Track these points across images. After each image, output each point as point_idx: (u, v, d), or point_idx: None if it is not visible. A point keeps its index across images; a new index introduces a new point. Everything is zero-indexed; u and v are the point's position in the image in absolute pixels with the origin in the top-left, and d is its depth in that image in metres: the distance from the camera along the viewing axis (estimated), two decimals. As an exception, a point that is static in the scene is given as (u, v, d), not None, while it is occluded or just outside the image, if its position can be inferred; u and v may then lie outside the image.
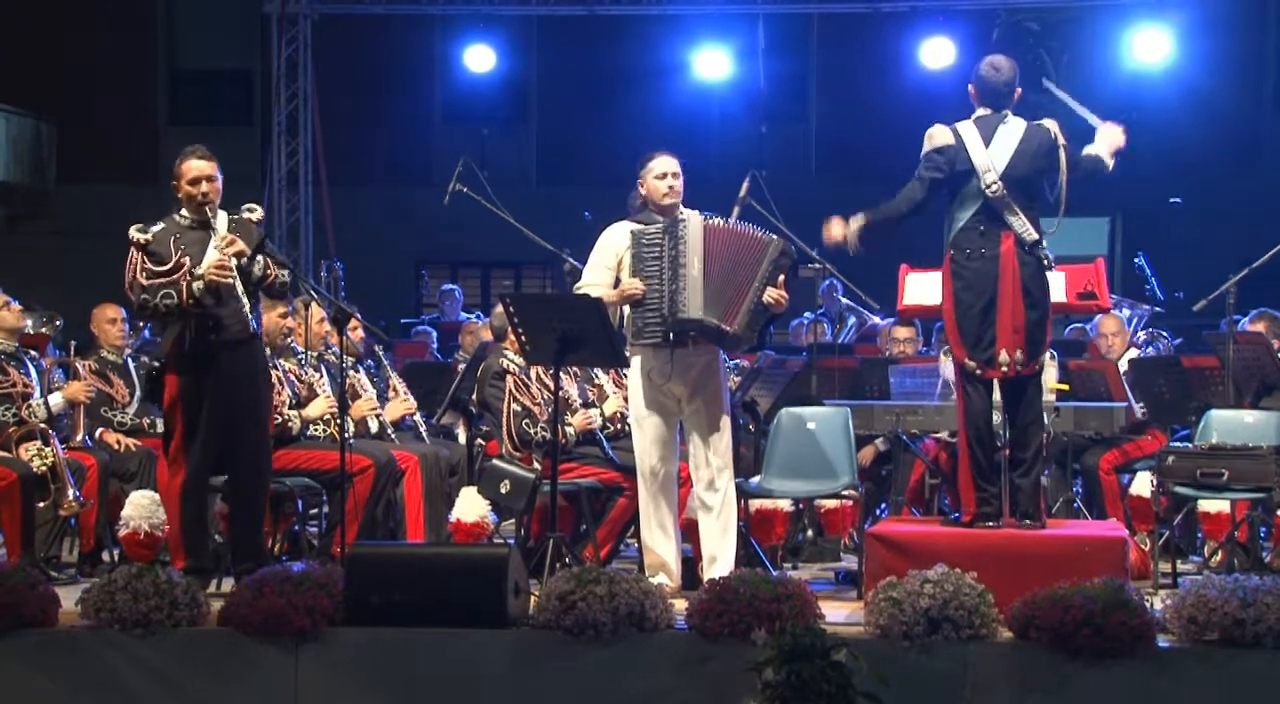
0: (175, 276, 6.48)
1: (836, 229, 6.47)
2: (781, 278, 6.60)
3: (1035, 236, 6.23)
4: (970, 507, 6.32)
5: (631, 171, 6.84)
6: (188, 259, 6.50)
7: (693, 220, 6.57)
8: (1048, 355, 7.25)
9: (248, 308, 6.52)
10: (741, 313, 6.54)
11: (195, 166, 6.58)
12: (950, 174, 6.27)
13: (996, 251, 6.21)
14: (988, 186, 6.19)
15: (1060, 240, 6.41)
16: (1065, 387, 7.66)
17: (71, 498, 7.19)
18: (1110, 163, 6.36)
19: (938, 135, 6.31)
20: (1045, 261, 6.27)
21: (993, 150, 6.23)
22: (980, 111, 6.34)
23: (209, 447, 6.60)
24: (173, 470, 6.63)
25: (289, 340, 7.59)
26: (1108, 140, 6.38)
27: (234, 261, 6.47)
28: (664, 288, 6.52)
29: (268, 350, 7.35)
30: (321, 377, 7.70)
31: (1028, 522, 6.22)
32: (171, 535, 6.73)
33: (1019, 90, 6.38)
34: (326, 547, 7.38)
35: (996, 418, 6.81)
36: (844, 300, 12.75)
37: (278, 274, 6.63)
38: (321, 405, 7.51)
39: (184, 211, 6.60)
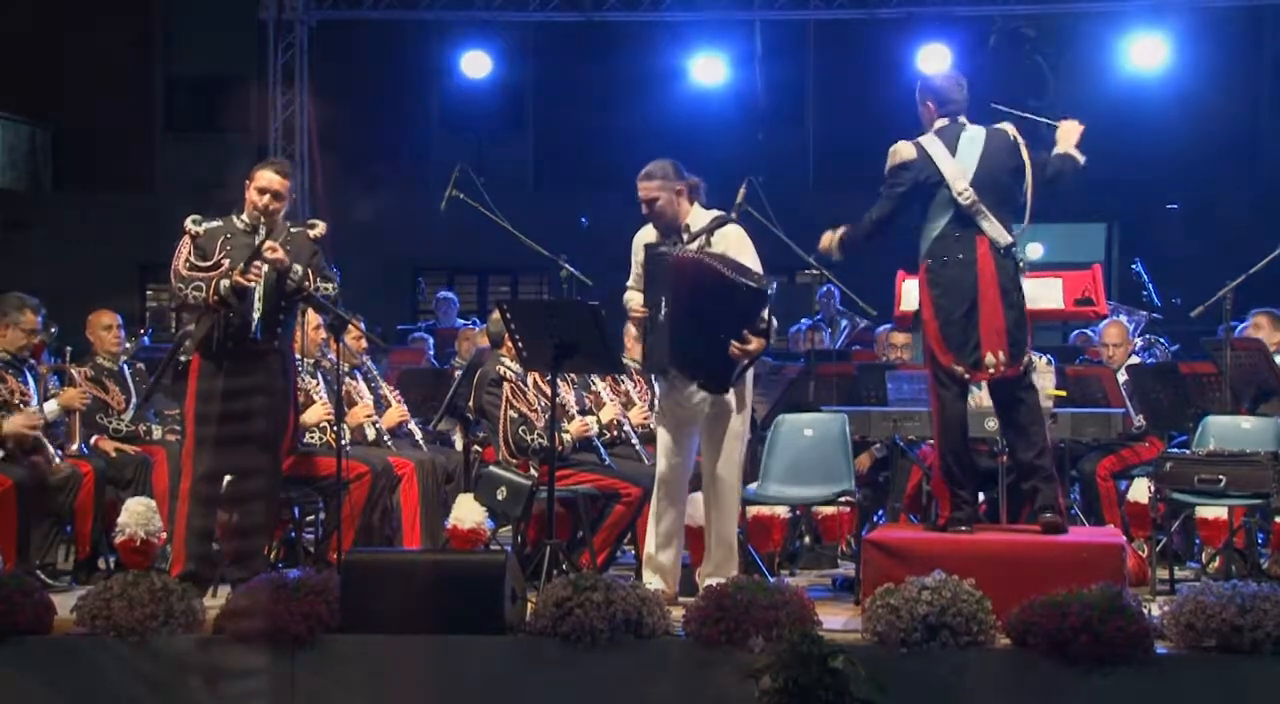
0: (211, 274, 6.52)
1: (824, 239, 6.52)
2: (748, 331, 6.34)
3: (1009, 240, 6.28)
4: (943, 511, 6.36)
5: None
6: (228, 261, 6.54)
7: (669, 256, 6.41)
8: (1044, 360, 7.25)
9: (256, 317, 6.54)
10: (705, 366, 6.43)
11: (266, 177, 6.65)
12: (918, 187, 6.31)
13: (973, 257, 6.26)
14: (959, 195, 6.25)
15: (1057, 246, 6.44)
16: (1062, 393, 7.66)
17: (56, 460, 7.24)
18: (1079, 156, 6.39)
19: (901, 151, 6.38)
20: (1020, 264, 6.31)
21: (959, 159, 6.30)
22: (938, 123, 6.39)
23: (220, 452, 6.60)
24: (184, 474, 6.67)
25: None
26: (1068, 135, 6.42)
27: (265, 269, 6.49)
28: (649, 322, 6.51)
29: (309, 361, 7.38)
30: (318, 384, 7.70)
31: (1048, 514, 6.23)
32: (175, 538, 6.74)
33: (968, 100, 6.45)
34: (323, 553, 7.38)
35: (991, 424, 6.83)
36: (838, 307, 12.73)
37: (318, 288, 6.66)
38: (318, 411, 7.52)
39: (243, 215, 6.65)
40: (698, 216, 6.57)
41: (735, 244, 6.51)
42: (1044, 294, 7.33)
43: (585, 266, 8.43)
